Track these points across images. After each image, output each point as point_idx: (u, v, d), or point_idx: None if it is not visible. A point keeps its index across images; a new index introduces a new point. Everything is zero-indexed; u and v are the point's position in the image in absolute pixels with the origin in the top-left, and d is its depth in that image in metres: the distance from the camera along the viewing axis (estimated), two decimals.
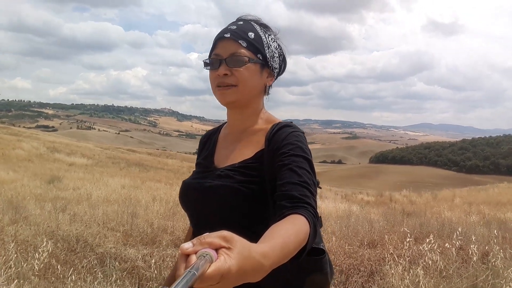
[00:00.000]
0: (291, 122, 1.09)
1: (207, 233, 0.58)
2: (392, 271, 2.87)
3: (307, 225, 0.80)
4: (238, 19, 1.10)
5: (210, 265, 0.54)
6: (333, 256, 3.78)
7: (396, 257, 3.07)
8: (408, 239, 3.06)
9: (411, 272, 2.69)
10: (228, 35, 1.04)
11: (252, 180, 0.99)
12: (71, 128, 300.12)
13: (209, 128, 1.32)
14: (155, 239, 4.58)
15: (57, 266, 2.60)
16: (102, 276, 2.70)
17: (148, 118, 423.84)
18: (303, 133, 1.05)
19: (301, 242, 0.76)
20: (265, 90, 1.12)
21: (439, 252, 2.88)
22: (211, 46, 1.09)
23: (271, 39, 1.10)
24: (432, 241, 2.87)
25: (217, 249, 0.57)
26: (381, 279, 3.07)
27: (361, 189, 31.23)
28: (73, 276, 2.43)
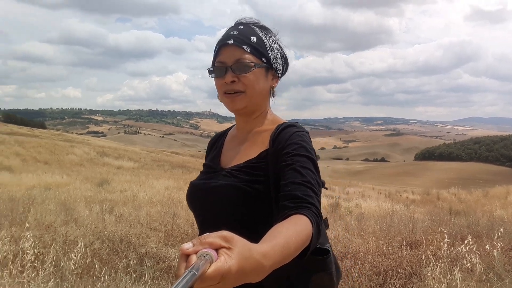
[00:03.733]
0: (297, 122, 1.09)
1: (208, 233, 0.58)
2: (429, 274, 2.76)
3: (309, 225, 0.79)
4: (237, 23, 1.09)
5: (210, 265, 0.54)
6: (370, 257, 3.71)
7: (433, 259, 2.94)
8: (446, 240, 2.92)
9: (449, 275, 2.56)
10: (231, 42, 1.03)
11: (256, 179, 0.99)
12: (118, 133, 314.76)
13: None
14: None
15: (96, 266, 2.76)
16: (135, 276, 2.82)
17: (190, 121, 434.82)
18: (308, 133, 1.04)
19: (303, 243, 0.76)
20: (271, 92, 1.12)
21: (478, 254, 2.72)
22: (213, 53, 1.09)
23: (272, 40, 1.09)
24: (471, 242, 2.72)
25: (217, 249, 0.57)
26: (419, 282, 2.96)
27: (406, 187, 30.06)
28: (106, 276, 2.57)
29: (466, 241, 2.76)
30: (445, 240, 2.93)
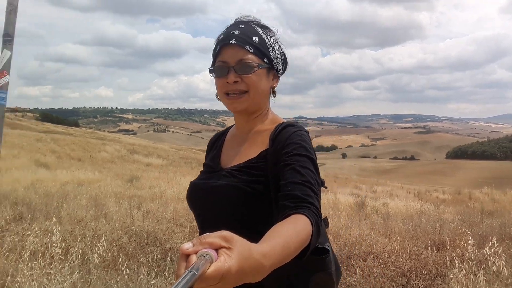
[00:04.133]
0: (296, 121, 1.08)
1: (207, 233, 0.58)
2: (452, 275, 2.69)
3: (309, 225, 0.79)
4: (238, 22, 1.09)
5: (210, 265, 0.54)
6: (394, 257, 3.65)
7: (459, 261, 2.86)
8: (470, 241, 2.83)
9: (472, 278, 2.49)
10: (234, 41, 1.02)
11: (256, 179, 0.99)
12: (148, 131, 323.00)
13: None
14: None
15: (120, 260, 2.86)
16: (158, 270, 2.91)
17: (217, 119, 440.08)
18: (307, 132, 1.04)
19: (302, 242, 0.75)
20: (271, 92, 1.12)
21: (504, 257, 2.62)
22: (214, 52, 1.08)
23: (273, 40, 1.09)
24: (496, 244, 2.62)
25: (217, 249, 0.57)
26: (443, 284, 2.89)
27: (436, 187, 29.15)
28: (128, 270, 2.67)
29: (490, 243, 2.65)
30: (470, 241, 2.84)
